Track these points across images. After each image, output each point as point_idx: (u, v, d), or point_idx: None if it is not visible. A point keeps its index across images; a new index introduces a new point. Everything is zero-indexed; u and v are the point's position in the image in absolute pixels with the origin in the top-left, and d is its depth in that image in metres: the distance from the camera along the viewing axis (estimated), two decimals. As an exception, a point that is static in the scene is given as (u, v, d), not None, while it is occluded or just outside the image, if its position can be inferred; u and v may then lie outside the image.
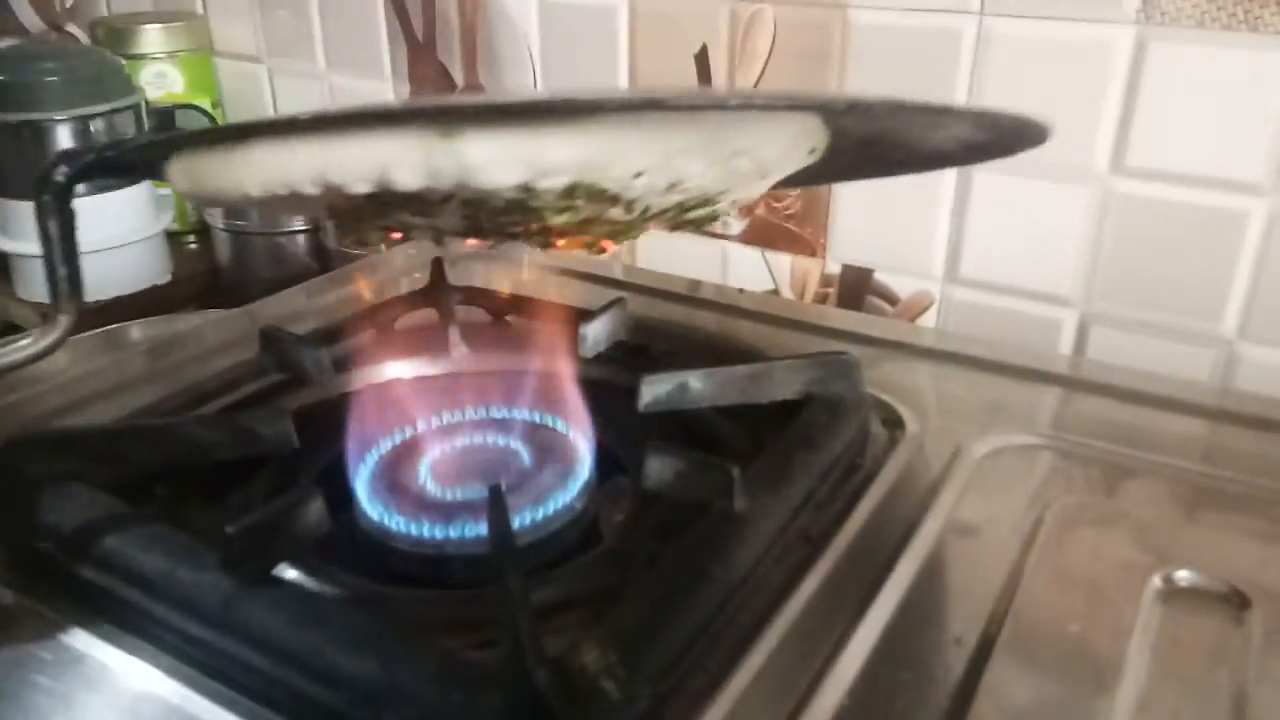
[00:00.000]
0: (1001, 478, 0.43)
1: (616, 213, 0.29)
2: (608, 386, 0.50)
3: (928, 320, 0.69)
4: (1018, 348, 0.55)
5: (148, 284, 0.83)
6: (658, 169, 0.28)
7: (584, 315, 0.50)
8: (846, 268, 0.71)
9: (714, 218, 0.33)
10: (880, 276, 0.70)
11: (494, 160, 0.27)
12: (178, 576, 0.32)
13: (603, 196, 0.29)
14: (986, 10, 0.61)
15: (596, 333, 0.50)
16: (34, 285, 0.81)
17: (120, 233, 0.81)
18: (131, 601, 0.33)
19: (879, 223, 0.69)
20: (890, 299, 0.70)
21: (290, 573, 0.36)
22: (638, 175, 0.28)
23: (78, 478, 0.37)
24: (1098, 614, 0.35)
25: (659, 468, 0.38)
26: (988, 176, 0.64)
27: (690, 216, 0.32)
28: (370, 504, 0.40)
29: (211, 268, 0.87)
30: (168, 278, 0.85)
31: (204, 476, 0.42)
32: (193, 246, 0.93)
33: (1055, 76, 0.61)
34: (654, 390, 0.44)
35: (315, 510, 0.34)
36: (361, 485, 0.41)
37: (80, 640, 0.33)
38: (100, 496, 0.36)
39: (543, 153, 0.27)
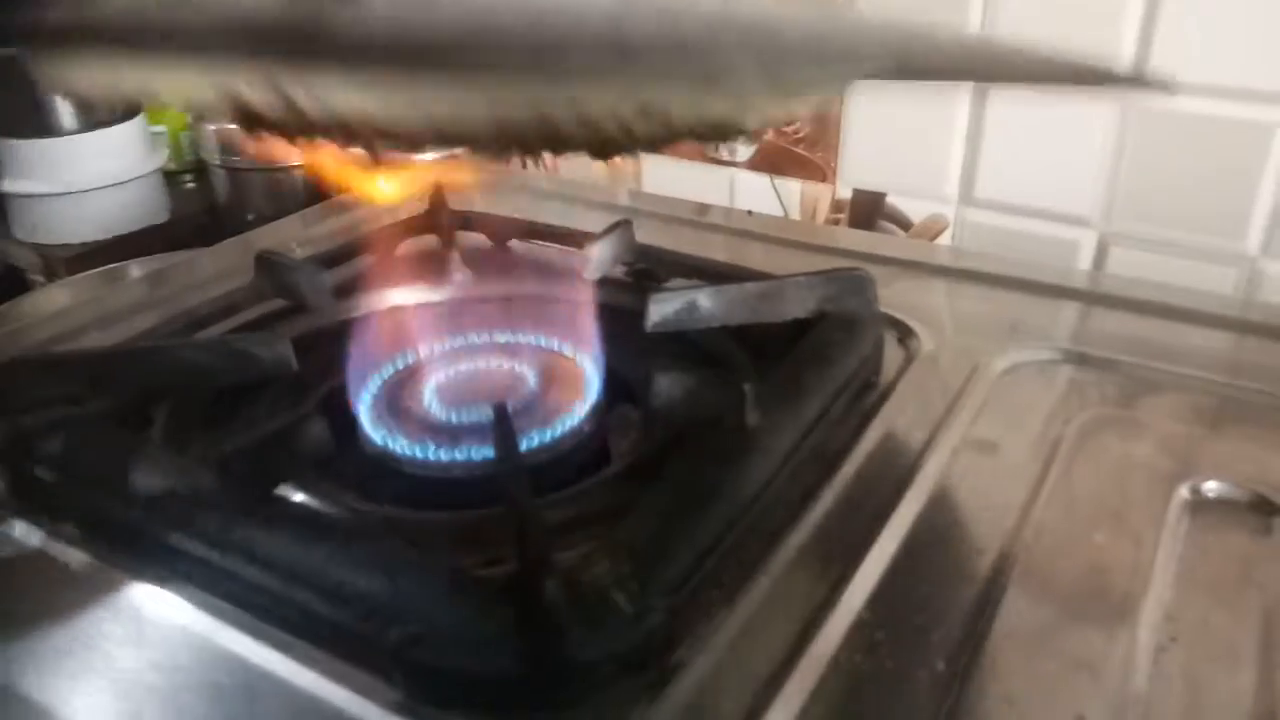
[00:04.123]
0: (1021, 393, 0.42)
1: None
2: (614, 310, 0.49)
3: (942, 243, 0.67)
4: (1035, 264, 0.53)
5: (146, 223, 0.82)
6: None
7: (588, 238, 0.49)
8: (858, 192, 0.69)
9: None
10: (893, 200, 0.69)
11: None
12: (176, 497, 0.32)
13: None
14: (1003, -81, 0.59)
15: (601, 255, 0.48)
16: (33, 226, 0.80)
17: (114, 171, 0.79)
18: (131, 523, 0.32)
19: (892, 145, 0.67)
20: (903, 224, 0.69)
21: (296, 496, 0.35)
22: None
23: (73, 402, 0.36)
24: (1123, 525, 0.34)
25: (668, 385, 0.37)
26: (1004, 94, 0.62)
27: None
28: (374, 428, 0.39)
29: (210, 206, 0.86)
30: (166, 216, 0.84)
31: (203, 403, 0.41)
32: (190, 185, 0.91)
33: (1075, -15, 0.58)
34: (662, 309, 0.43)
35: (316, 430, 0.34)
36: (364, 409, 0.40)
37: (80, 561, 0.32)
38: (96, 420, 0.35)
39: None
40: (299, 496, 0.35)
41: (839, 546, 0.33)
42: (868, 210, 0.69)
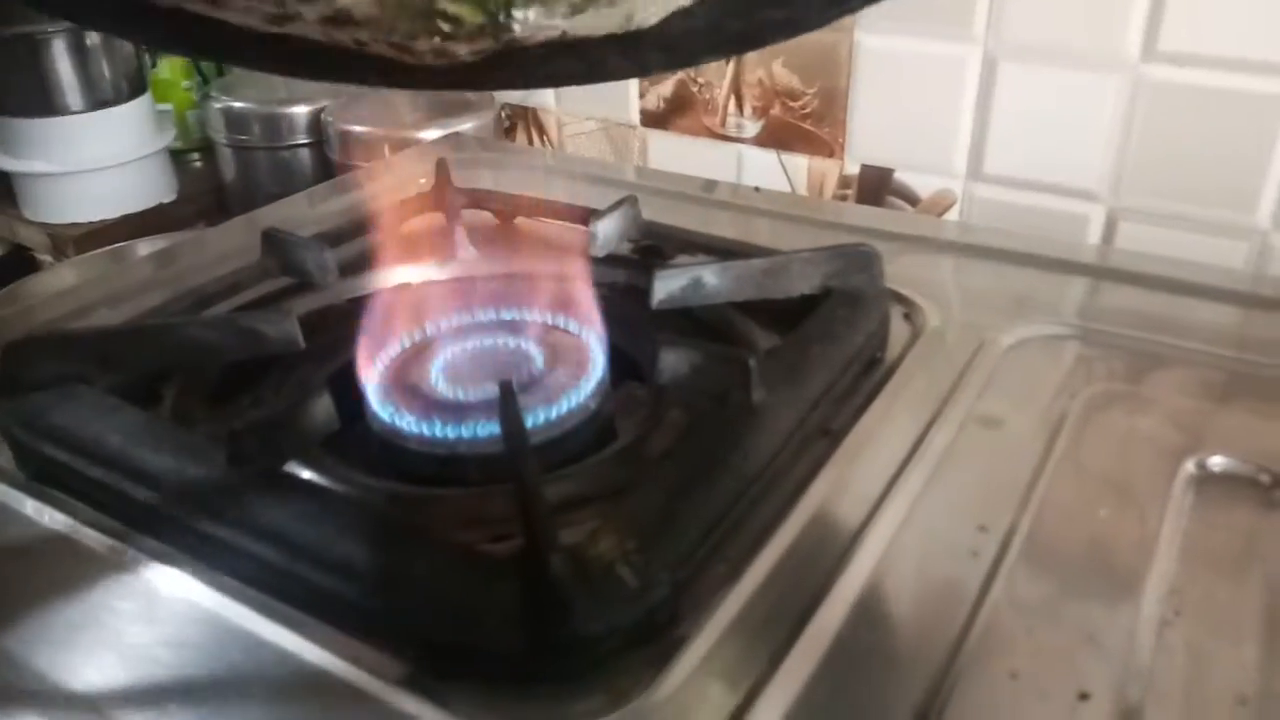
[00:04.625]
0: (1027, 368, 0.42)
1: None
2: (620, 287, 0.49)
3: (950, 218, 0.67)
4: (1043, 239, 0.53)
5: (153, 202, 0.82)
6: None
7: (594, 214, 0.49)
8: (865, 167, 0.69)
9: None
10: (900, 176, 0.68)
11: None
12: (186, 474, 0.32)
13: None
14: (1012, -113, 0.58)
15: (607, 231, 0.48)
16: (40, 205, 0.80)
17: (121, 150, 0.79)
18: (140, 500, 0.32)
19: (900, 119, 0.67)
20: (911, 199, 0.68)
21: (304, 473, 0.36)
22: None
23: (82, 380, 0.36)
24: (1128, 500, 0.34)
25: (673, 361, 0.36)
26: (1013, 66, 0.61)
27: None
28: (381, 405, 0.39)
29: (217, 184, 0.86)
30: (173, 196, 0.84)
31: (211, 381, 0.41)
32: (198, 164, 0.92)
33: (1084, -45, 0.58)
34: (667, 286, 0.43)
35: (323, 407, 0.34)
36: (372, 387, 0.40)
37: (90, 538, 0.32)
38: (105, 398, 0.36)
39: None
40: (307, 473, 0.36)
41: (843, 521, 0.33)
42: (875, 186, 0.69)
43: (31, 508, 0.34)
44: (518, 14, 0.20)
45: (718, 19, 0.23)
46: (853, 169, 0.69)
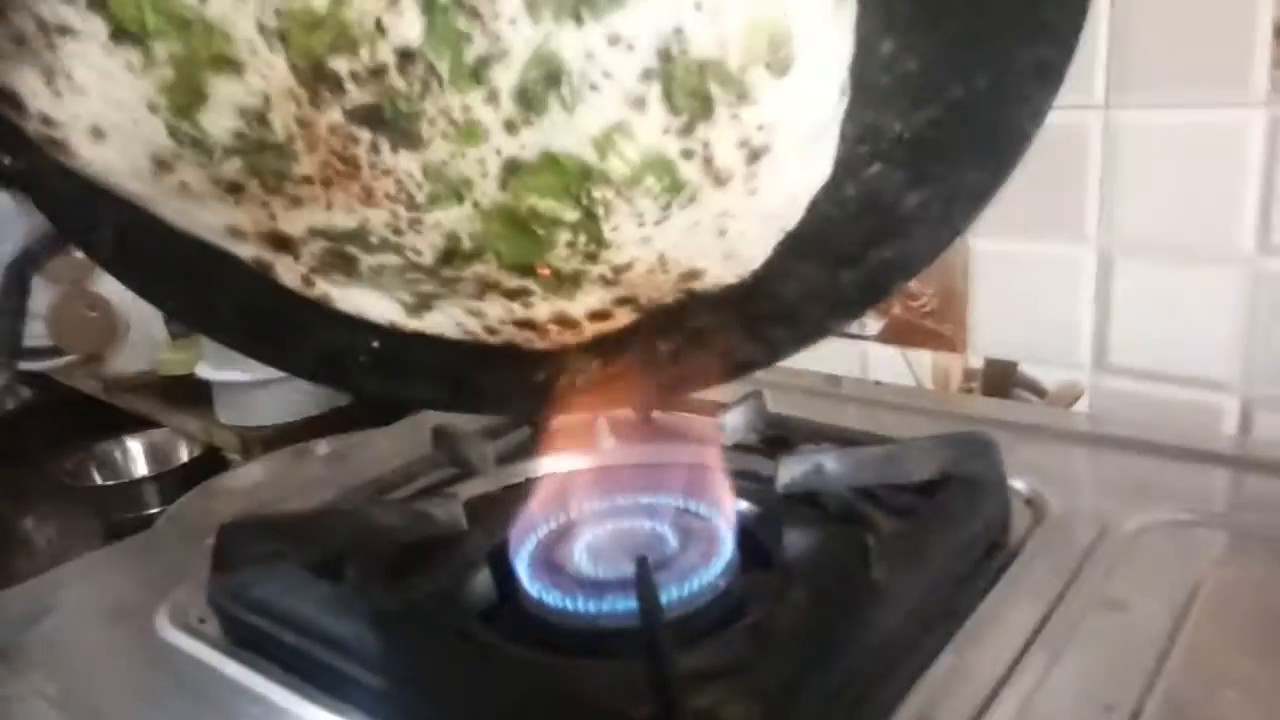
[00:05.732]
0: (1152, 554, 0.42)
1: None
2: (749, 475, 0.52)
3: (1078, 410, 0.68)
4: (1167, 427, 0.53)
5: (329, 406, 0.91)
6: None
7: (722, 407, 0.53)
8: (990, 361, 0.71)
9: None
10: (1025, 368, 0.70)
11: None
12: (367, 640, 0.36)
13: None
14: (1111, 104, 0.62)
15: (735, 422, 0.52)
16: (236, 410, 0.89)
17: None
18: (330, 664, 0.36)
19: (1019, 314, 0.69)
20: (1038, 391, 0.70)
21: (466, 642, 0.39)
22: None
23: (281, 558, 0.42)
24: (1256, 684, 0.33)
25: (797, 539, 0.39)
26: (1128, 264, 0.64)
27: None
28: (530, 582, 0.43)
29: (386, 388, 0.94)
30: (346, 400, 0.93)
31: (388, 557, 0.46)
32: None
33: (1189, 162, 0.61)
34: (791, 471, 0.46)
35: (482, 581, 0.38)
36: (523, 565, 0.44)
37: (284, 698, 0.37)
38: (299, 573, 0.41)
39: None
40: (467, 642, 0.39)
41: (966, 701, 0.34)
42: (1001, 379, 0.71)
43: (233, 669, 0.39)
44: (596, 194, 0.27)
45: (831, 272, 0.29)
46: (977, 363, 0.72)
